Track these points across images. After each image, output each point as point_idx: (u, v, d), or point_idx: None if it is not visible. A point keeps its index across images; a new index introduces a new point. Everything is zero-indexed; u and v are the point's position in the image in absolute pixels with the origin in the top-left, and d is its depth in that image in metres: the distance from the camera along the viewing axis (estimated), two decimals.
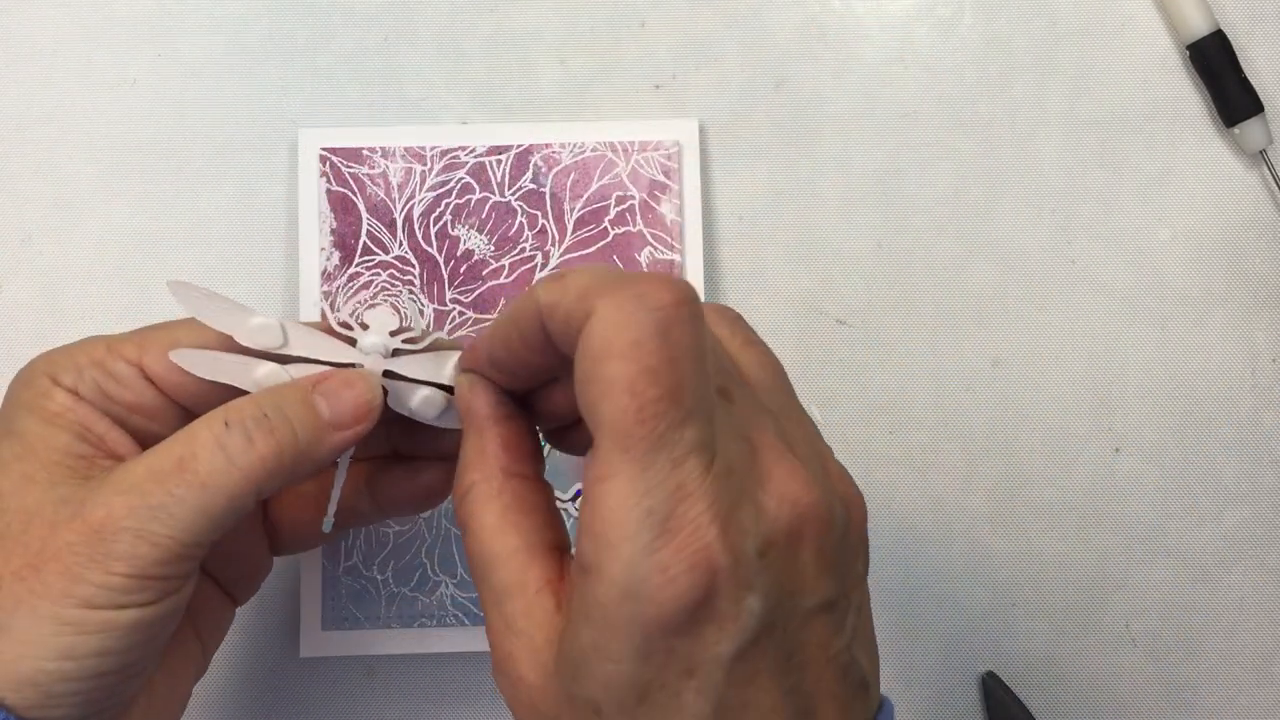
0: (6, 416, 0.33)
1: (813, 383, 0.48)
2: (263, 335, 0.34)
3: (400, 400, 0.35)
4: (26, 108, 0.48)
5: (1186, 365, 0.48)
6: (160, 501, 0.30)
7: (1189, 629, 0.48)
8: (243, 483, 0.31)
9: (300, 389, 0.33)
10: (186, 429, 0.32)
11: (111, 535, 0.30)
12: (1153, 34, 0.49)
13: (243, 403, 0.32)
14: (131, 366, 0.33)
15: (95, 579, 0.29)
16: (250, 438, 0.31)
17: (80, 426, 0.32)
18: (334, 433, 0.33)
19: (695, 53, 0.49)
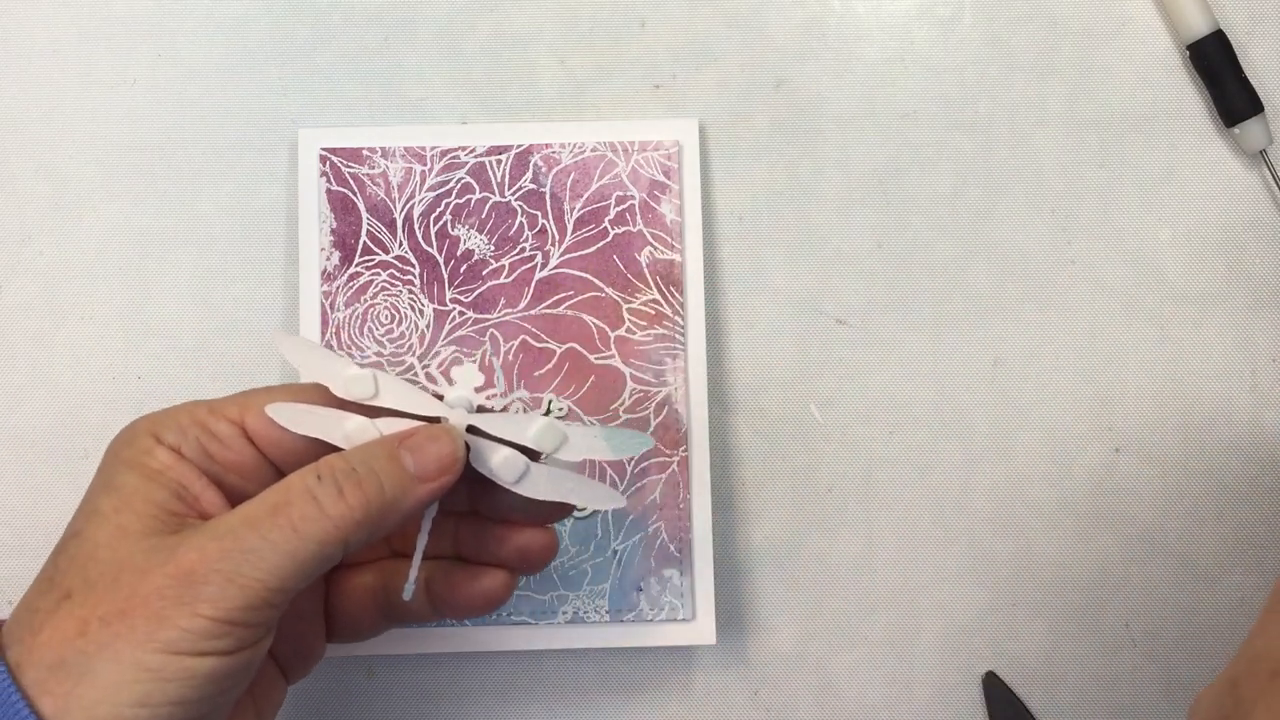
0: (107, 471, 0.34)
1: (813, 383, 0.48)
2: (356, 386, 0.36)
3: (482, 459, 0.36)
4: (26, 108, 0.48)
5: (1186, 365, 0.48)
6: (253, 545, 0.31)
7: (1189, 629, 0.48)
8: (333, 531, 0.32)
9: (387, 444, 0.34)
10: (280, 483, 0.33)
11: (202, 578, 0.31)
12: (1153, 34, 0.49)
13: (333, 458, 0.34)
14: (233, 426, 0.35)
15: (181, 622, 0.30)
16: (341, 489, 0.33)
17: (178, 484, 0.34)
18: (419, 485, 0.34)
19: (695, 53, 0.49)
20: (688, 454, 0.46)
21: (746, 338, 0.48)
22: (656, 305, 0.46)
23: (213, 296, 0.48)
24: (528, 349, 0.46)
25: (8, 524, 0.47)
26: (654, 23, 0.49)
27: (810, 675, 0.47)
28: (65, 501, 0.47)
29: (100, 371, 0.48)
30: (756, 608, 0.47)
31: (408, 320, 0.46)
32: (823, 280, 0.48)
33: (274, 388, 0.37)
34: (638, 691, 0.47)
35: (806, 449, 0.48)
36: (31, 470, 0.47)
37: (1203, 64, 0.48)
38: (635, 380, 0.46)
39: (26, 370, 0.48)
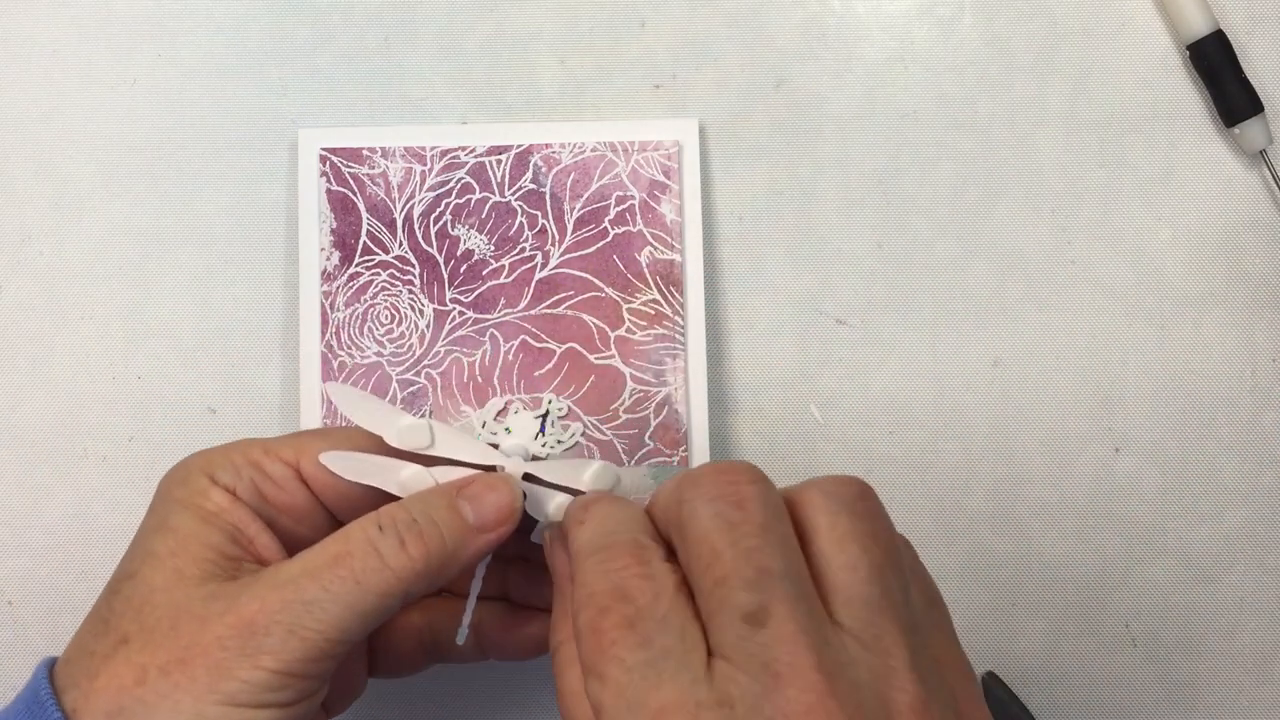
0: (160, 512, 0.34)
1: (813, 383, 0.48)
2: (411, 435, 0.36)
3: (538, 506, 0.36)
4: (26, 108, 0.48)
5: (1186, 365, 0.48)
6: (314, 596, 0.31)
7: (1189, 629, 0.48)
8: (394, 583, 0.32)
9: (446, 494, 0.34)
10: (340, 532, 0.33)
11: (264, 629, 0.30)
12: (1153, 34, 0.49)
13: (394, 508, 0.33)
14: (288, 468, 0.35)
15: (243, 674, 0.30)
16: (402, 540, 0.32)
17: (234, 527, 0.34)
18: (479, 536, 0.34)
19: (695, 53, 0.49)
20: (688, 454, 0.46)
21: (746, 338, 0.48)
22: (656, 305, 0.46)
23: (213, 296, 0.48)
24: (528, 349, 0.46)
25: (7, 524, 0.47)
26: (654, 23, 0.49)
27: None
28: (65, 501, 0.47)
29: (100, 371, 0.48)
30: None
31: (408, 320, 0.46)
32: (823, 280, 0.48)
33: (330, 431, 0.37)
34: None
35: (806, 449, 0.48)
36: (31, 470, 0.47)
37: (1203, 64, 0.48)
38: (635, 380, 0.46)
39: (26, 370, 0.48)
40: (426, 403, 0.46)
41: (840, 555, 0.28)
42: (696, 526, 0.28)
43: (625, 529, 0.30)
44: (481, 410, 0.38)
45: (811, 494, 0.29)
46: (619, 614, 0.27)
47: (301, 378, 0.46)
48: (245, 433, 0.47)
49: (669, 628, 0.27)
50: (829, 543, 0.28)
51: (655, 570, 0.28)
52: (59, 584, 0.47)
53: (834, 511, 0.29)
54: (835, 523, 0.28)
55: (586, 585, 0.28)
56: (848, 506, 0.29)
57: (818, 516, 0.29)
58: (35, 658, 0.47)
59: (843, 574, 0.27)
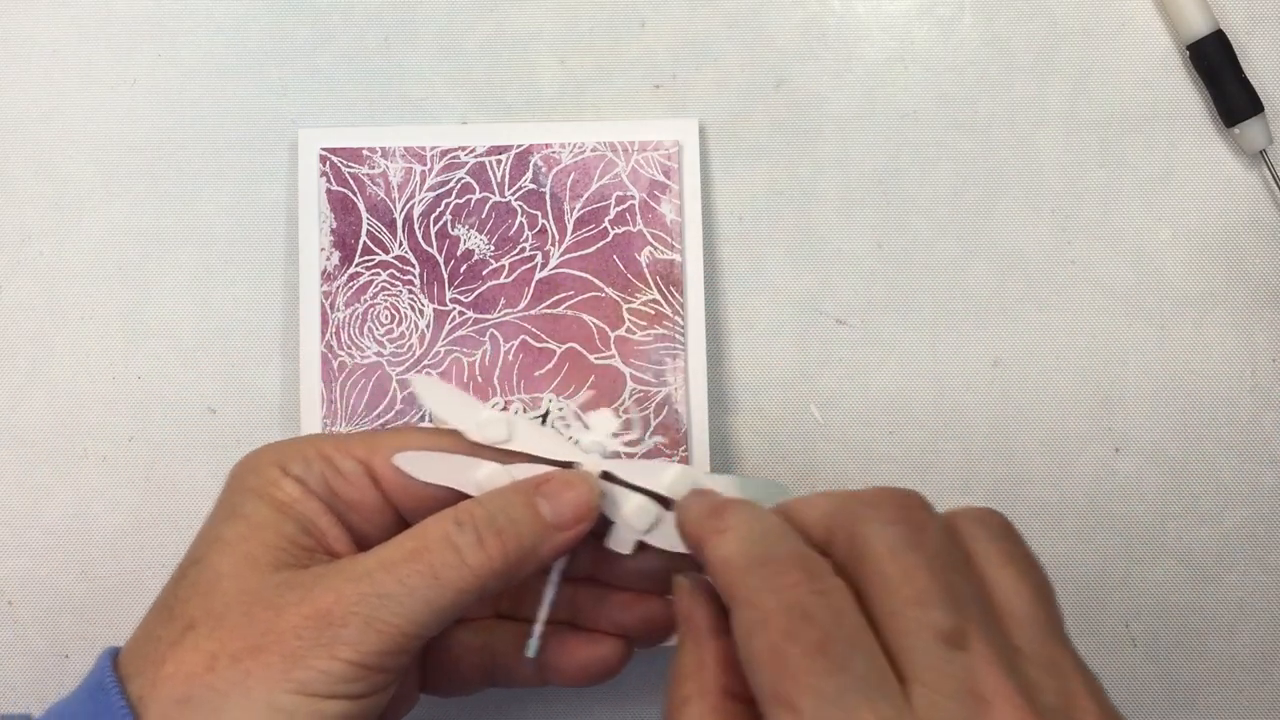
0: (231, 500, 0.34)
1: (813, 383, 0.48)
2: (491, 429, 0.35)
3: (614, 507, 0.35)
4: (26, 108, 0.48)
5: (1186, 365, 0.48)
6: (391, 590, 0.31)
7: (1189, 629, 0.48)
8: (471, 579, 0.32)
9: (524, 491, 0.34)
10: (417, 526, 0.32)
11: (340, 620, 0.30)
12: (1153, 34, 0.49)
13: (471, 505, 0.33)
14: (359, 464, 0.35)
15: (318, 664, 0.30)
16: (480, 537, 0.32)
17: (306, 519, 0.33)
18: (556, 533, 0.33)
19: (695, 53, 0.49)
20: (688, 454, 0.46)
21: (746, 338, 0.48)
22: (656, 305, 0.46)
23: (213, 296, 0.48)
24: (528, 349, 0.46)
25: (7, 524, 0.47)
26: (654, 23, 0.49)
27: None
28: (65, 501, 0.47)
29: (100, 371, 0.48)
30: None
31: (408, 320, 0.46)
32: (823, 280, 0.48)
33: (402, 430, 0.36)
34: (638, 691, 0.47)
35: (806, 449, 0.48)
36: (31, 470, 0.47)
37: (1203, 64, 0.48)
38: (635, 380, 0.46)
39: (26, 370, 0.48)
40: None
41: (1006, 579, 0.28)
42: (880, 546, 0.27)
43: (781, 540, 0.29)
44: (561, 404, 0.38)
45: (964, 522, 0.29)
46: (807, 638, 0.26)
47: (301, 378, 0.46)
48: (245, 433, 0.47)
49: (859, 650, 0.26)
50: (994, 567, 0.28)
51: (830, 586, 0.27)
52: (59, 584, 0.47)
53: (991, 538, 0.29)
54: (995, 548, 0.29)
55: (757, 606, 0.27)
56: (1000, 534, 0.29)
57: (977, 543, 0.29)
58: (35, 658, 0.47)
59: (1012, 598, 0.28)
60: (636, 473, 0.36)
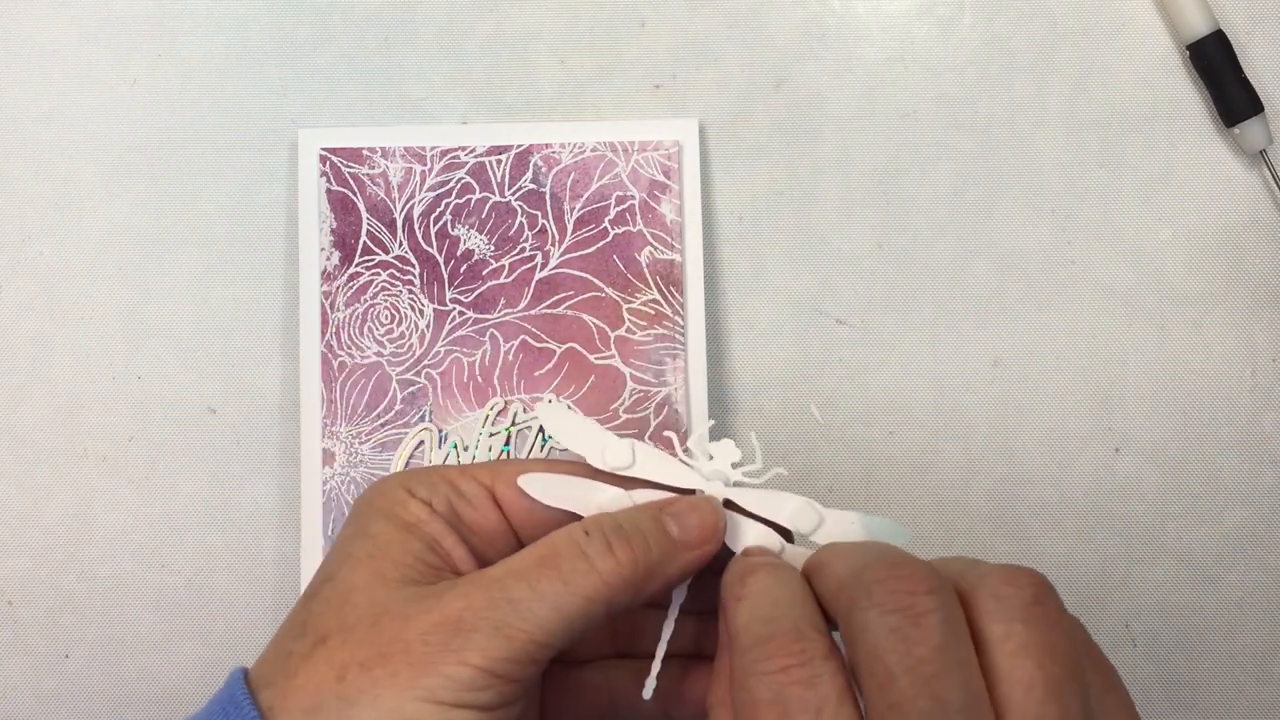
0: (360, 520, 0.34)
1: (813, 383, 0.48)
2: (614, 455, 0.36)
3: (735, 535, 0.35)
4: (26, 108, 0.48)
5: (1186, 365, 0.48)
6: (520, 596, 0.31)
7: (1189, 629, 0.48)
8: (601, 588, 0.32)
9: (651, 509, 0.34)
10: (546, 537, 0.33)
11: (470, 626, 0.30)
12: (1153, 34, 0.49)
13: (600, 515, 0.33)
14: (482, 489, 0.35)
15: (447, 670, 0.29)
16: (610, 545, 0.32)
17: (432, 538, 0.33)
18: (683, 552, 0.33)
19: (695, 53, 0.49)
20: None
21: (746, 338, 0.48)
22: (656, 305, 0.46)
23: (213, 296, 0.48)
24: (528, 349, 0.46)
25: (7, 524, 0.47)
26: (654, 23, 0.49)
27: None
28: (65, 501, 0.47)
29: (100, 371, 0.48)
30: None
31: (408, 320, 0.46)
32: (823, 280, 0.48)
33: (529, 460, 0.37)
34: None
35: (806, 449, 0.48)
36: (31, 470, 0.47)
37: (1203, 64, 0.48)
38: (635, 380, 0.46)
39: (26, 370, 0.48)
40: (426, 403, 0.46)
41: (1016, 671, 0.26)
42: (869, 640, 0.27)
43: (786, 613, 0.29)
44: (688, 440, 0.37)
45: (983, 598, 0.28)
46: None
47: (301, 378, 0.46)
48: (245, 433, 0.47)
49: None
50: (1004, 656, 0.27)
51: (819, 672, 0.27)
52: (59, 584, 0.47)
53: (1008, 620, 0.27)
54: (1010, 633, 0.27)
55: (747, 690, 0.27)
56: (1022, 614, 0.27)
57: (991, 625, 0.27)
58: (35, 658, 0.47)
59: (1019, 692, 0.26)
60: (758, 502, 0.36)
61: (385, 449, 0.46)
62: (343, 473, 0.46)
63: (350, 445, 0.46)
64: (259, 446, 0.47)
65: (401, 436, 0.46)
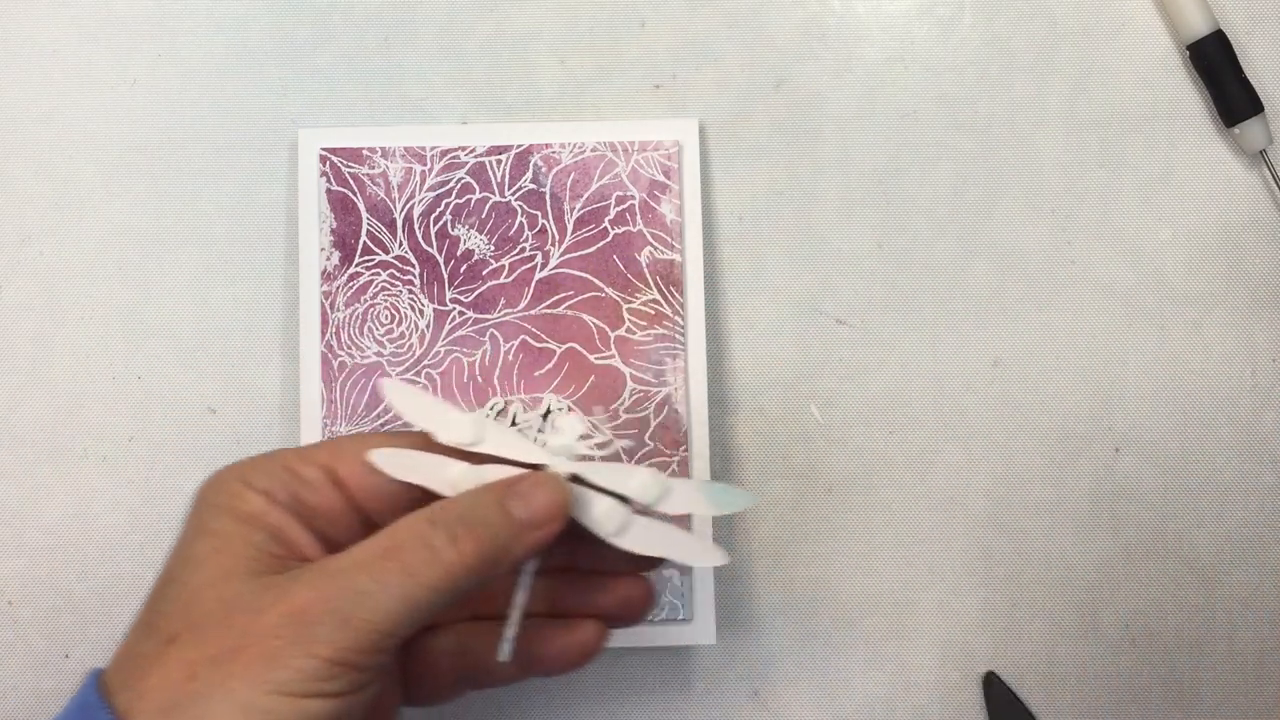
0: (199, 518, 0.34)
1: (813, 383, 0.48)
2: (459, 432, 0.36)
3: (584, 509, 0.36)
4: (26, 108, 0.48)
5: (1186, 365, 0.48)
6: (366, 587, 0.31)
7: (1189, 629, 0.48)
8: (445, 577, 0.32)
9: (494, 491, 0.34)
10: (391, 527, 0.33)
11: (316, 618, 0.30)
12: (1153, 34, 0.49)
13: (445, 504, 0.34)
14: (322, 471, 0.35)
15: (295, 662, 0.30)
16: (454, 535, 0.33)
17: (274, 528, 0.34)
18: (529, 532, 0.34)
19: (695, 53, 0.49)
20: (688, 454, 0.46)
21: (746, 338, 0.48)
22: (656, 305, 0.46)
23: (213, 296, 0.48)
24: (528, 349, 0.46)
25: (7, 524, 0.47)
26: (654, 23, 0.49)
27: (810, 675, 0.47)
28: (65, 501, 0.47)
29: (100, 371, 0.48)
30: (756, 607, 0.47)
31: (408, 320, 0.46)
32: (823, 280, 0.48)
33: (367, 436, 0.37)
34: (638, 691, 0.47)
35: (806, 449, 0.48)
36: (31, 470, 0.47)
37: (1203, 64, 0.48)
38: (635, 380, 0.46)
39: (26, 370, 0.48)
40: None
41: None
42: None
43: None
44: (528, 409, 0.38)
45: None
46: None
47: (301, 378, 0.46)
48: (245, 433, 0.47)
49: None
50: None
51: None
52: (59, 584, 0.47)
53: None
54: None
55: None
56: None
57: None
58: (35, 658, 0.47)
59: None
60: (605, 476, 0.36)
61: None
62: None
63: None
64: (259, 446, 0.47)
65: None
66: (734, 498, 0.36)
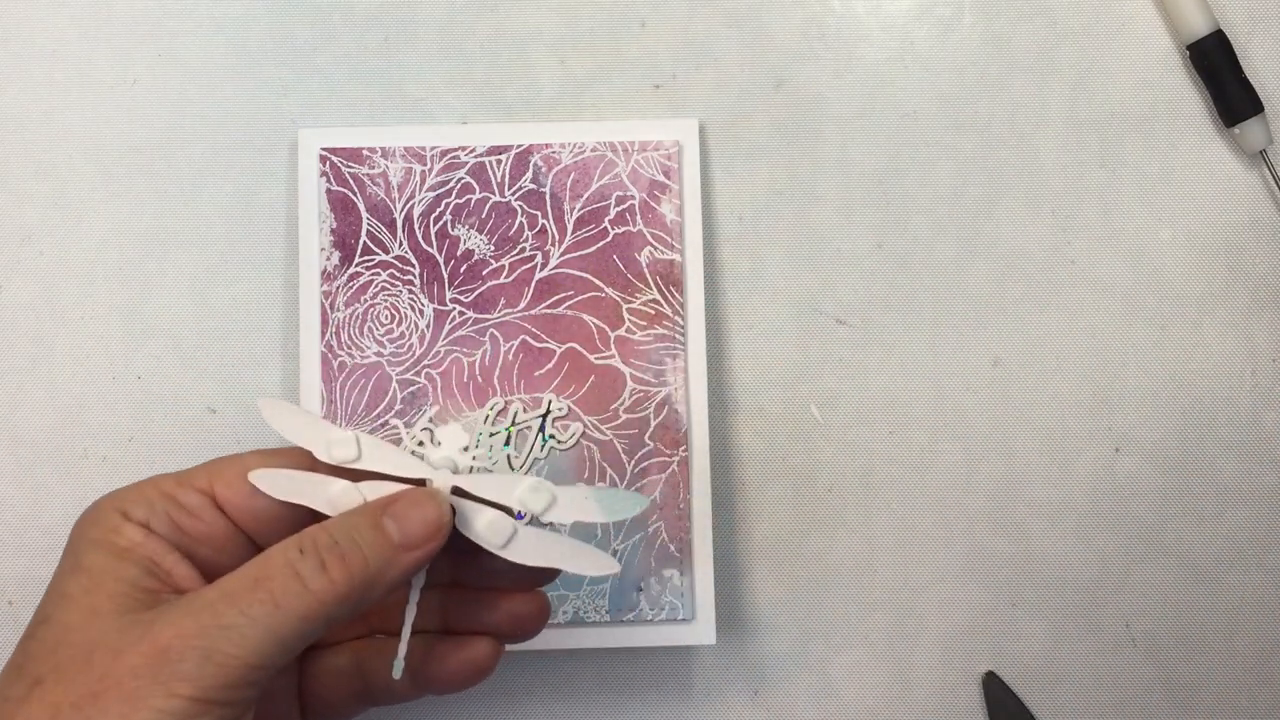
0: (74, 552, 0.33)
1: (813, 383, 0.48)
2: (339, 449, 0.35)
3: (468, 523, 0.35)
4: (26, 108, 0.48)
5: (1186, 365, 0.48)
6: (232, 621, 0.30)
7: (1189, 629, 0.48)
8: (315, 606, 0.31)
9: (370, 513, 0.33)
10: (260, 556, 0.32)
11: (178, 655, 0.30)
12: (1153, 34, 0.49)
13: (315, 530, 0.33)
14: (202, 496, 0.34)
15: (156, 702, 0.29)
16: (324, 562, 0.32)
17: (149, 561, 0.33)
18: (404, 554, 0.33)
19: (695, 53, 0.49)
20: (688, 454, 0.46)
21: (746, 338, 0.48)
22: (656, 305, 0.46)
23: (213, 296, 0.48)
24: (528, 349, 0.46)
25: (7, 524, 0.47)
26: (654, 23, 0.49)
27: (810, 675, 0.47)
28: (65, 501, 0.47)
29: (100, 371, 0.48)
30: (756, 608, 0.47)
31: (408, 320, 0.46)
32: (823, 280, 0.48)
33: (244, 455, 0.35)
34: (638, 692, 0.47)
35: (806, 449, 0.48)
36: (31, 470, 0.47)
37: (1203, 64, 0.48)
38: (635, 380, 0.46)
39: (26, 370, 0.48)
40: (427, 402, 0.46)
41: None
42: None
43: None
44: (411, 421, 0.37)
45: None
46: None
47: (301, 378, 0.46)
48: (245, 433, 0.47)
49: None
50: None
51: None
52: None
53: None
54: None
55: None
56: None
57: None
58: None
59: None
60: (489, 487, 0.35)
61: None
62: None
63: None
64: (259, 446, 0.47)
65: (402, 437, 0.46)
66: (626, 503, 0.35)
